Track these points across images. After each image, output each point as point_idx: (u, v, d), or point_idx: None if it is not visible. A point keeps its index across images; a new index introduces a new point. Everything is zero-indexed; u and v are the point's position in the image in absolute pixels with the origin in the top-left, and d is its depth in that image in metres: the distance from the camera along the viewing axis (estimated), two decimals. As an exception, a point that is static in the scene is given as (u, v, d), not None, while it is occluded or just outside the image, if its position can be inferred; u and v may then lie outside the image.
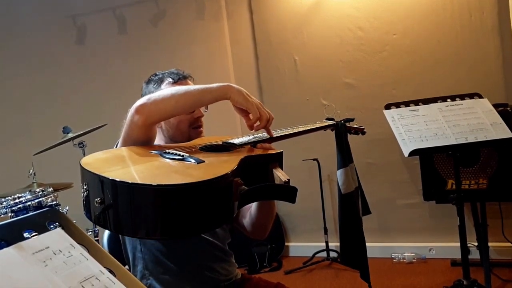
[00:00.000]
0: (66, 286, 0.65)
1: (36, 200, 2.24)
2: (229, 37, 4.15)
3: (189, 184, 1.01)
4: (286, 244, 4.15)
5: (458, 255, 3.41)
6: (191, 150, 1.37)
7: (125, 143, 1.44)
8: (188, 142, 1.57)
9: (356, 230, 2.06)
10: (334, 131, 1.99)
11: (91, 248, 0.76)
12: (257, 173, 1.27)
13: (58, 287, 0.63)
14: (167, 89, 1.50)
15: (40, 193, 2.31)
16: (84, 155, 2.94)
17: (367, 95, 3.75)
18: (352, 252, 2.11)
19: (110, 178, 1.02)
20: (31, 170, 2.83)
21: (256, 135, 1.51)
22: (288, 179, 1.18)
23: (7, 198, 2.27)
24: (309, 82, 3.96)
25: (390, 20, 3.65)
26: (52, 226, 0.76)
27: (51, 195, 2.35)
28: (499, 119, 2.41)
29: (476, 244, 3.24)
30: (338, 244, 3.96)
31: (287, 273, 3.73)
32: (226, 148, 1.41)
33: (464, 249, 2.48)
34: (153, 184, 0.99)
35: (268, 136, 1.47)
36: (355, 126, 2.05)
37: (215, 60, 4.13)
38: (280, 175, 1.21)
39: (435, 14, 3.53)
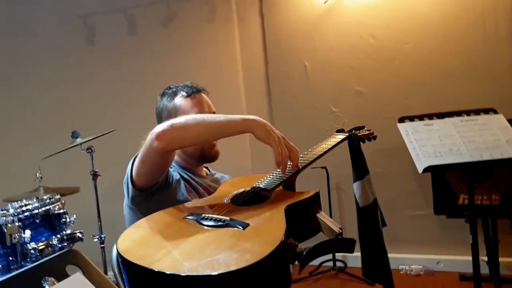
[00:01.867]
0: None
1: (44, 208, 2.21)
2: (239, 41, 4.11)
3: (250, 266, 0.92)
4: (291, 251, 4.11)
5: (466, 269, 3.39)
6: (224, 206, 1.29)
7: (143, 164, 1.43)
8: (216, 193, 1.50)
9: (378, 242, 2.02)
10: (348, 142, 1.95)
11: (111, 294, 0.72)
12: (301, 221, 1.21)
13: None
14: (190, 117, 1.43)
15: (48, 200, 2.29)
16: (93, 160, 2.91)
17: (377, 104, 3.70)
18: (375, 266, 2.07)
19: (168, 272, 0.91)
20: (38, 174, 2.80)
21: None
22: (341, 229, 1.14)
23: (13, 204, 2.24)
24: (318, 89, 3.91)
25: (403, 29, 3.60)
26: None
27: (59, 202, 2.33)
28: (515, 136, 2.36)
29: (485, 259, 3.19)
30: (345, 254, 3.95)
31: (293, 282, 3.68)
32: (259, 196, 1.35)
33: (476, 267, 2.44)
34: (212, 274, 0.90)
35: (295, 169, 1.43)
36: (365, 133, 2.02)
37: (225, 63, 4.09)
38: (331, 224, 1.16)
39: (448, 24, 3.48)
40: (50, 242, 2.17)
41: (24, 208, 2.18)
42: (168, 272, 0.91)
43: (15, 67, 4.16)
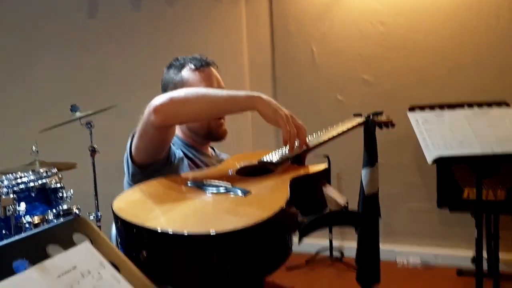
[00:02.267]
0: (97, 319, 0.54)
1: (40, 182, 2.14)
2: (246, 21, 4.01)
3: (248, 228, 0.87)
4: (288, 239, 4.06)
5: (464, 264, 3.36)
6: (228, 175, 1.25)
7: (141, 139, 1.34)
8: (221, 164, 1.45)
9: (376, 232, 1.98)
10: (363, 127, 1.88)
11: (122, 267, 0.65)
12: (307, 195, 1.16)
13: (87, 320, 0.53)
14: (191, 90, 1.36)
15: (44, 174, 2.22)
16: (91, 136, 2.83)
17: (383, 93, 3.63)
18: (368, 254, 2.04)
19: (159, 230, 0.87)
20: (34, 147, 2.72)
21: None
22: (347, 203, 1.08)
23: (8, 176, 2.17)
24: (325, 75, 3.84)
25: (414, 17, 3.52)
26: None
27: (55, 176, 2.25)
28: (528, 131, 2.30)
29: (485, 255, 3.16)
30: (341, 243, 3.91)
31: (289, 269, 3.64)
32: (264, 169, 1.30)
33: (479, 262, 2.39)
34: (210, 233, 0.85)
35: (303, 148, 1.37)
36: (383, 119, 1.96)
37: (230, 44, 4.00)
38: (336, 197, 1.10)
39: (461, 14, 3.41)
40: (46, 217, 2.10)
41: (19, 181, 2.11)
42: (159, 231, 0.87)
43: (15, 40, 4.06)
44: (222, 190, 1.09)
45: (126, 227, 0.93)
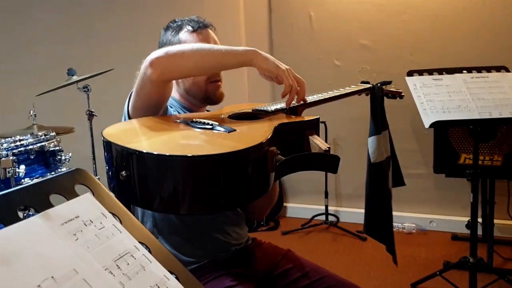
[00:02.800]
0: (100, 265, 0.55)
1: (39, 144, 2.14)
2: (243, -14, 3.95)
3: (223, 154, 0.91)
4: (284, 204, 4.10)
5: (459, 229, 3.42)
6: (219, 118, 1.27)
7: (138, 97, 1.34)
8: (215, 111, 1.46)
9: (384, 202, 1.99)
10: (369, 95, 1.87)
11: (124, 219, 0.66)
12: (293, 141, 1.17)
13: (91, 266, 0.54)
14: (187, 45, 1.37)
15: (43, 137, 2.21)
16: (89, 100, 2.81)
17: (382, 59, 3.60)
18: (378, 225, 2.05)
19: (138, 149, 0.92)
20: (31, 111, 2.71)
21: None
22: (329, 148, 1.09)
23: (7, 139, 2.17)
24: (323, 40, 3.80)
25: (414, -19, 3.47)
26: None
27: (54, 140, 2.25)
28: (526, 96, 2.31)
29: (480, 220, 3.20)
30: (337, 208, 3.96)
31: (284, 233, 3.70)
32: (257, 116, 1.31)
33: (474, 227, 2.43)
34: (187, 155, 0.89)
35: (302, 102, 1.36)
36: (392, 89, 1.95)
37: (226, 10, 3.93)
38: (319, 143, 1.11)
39: (463, -22, 3.36)
40: (45, 179, 2.11)
41: (18, 143, 2.10)
42: (144, 151, 0.92)
43: (10, 4, 3.99)
44: (208, 126, 1.12)
45: (110, 148, 0.99)
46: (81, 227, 0.58)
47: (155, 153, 0.91)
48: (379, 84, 1.86)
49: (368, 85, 1.82)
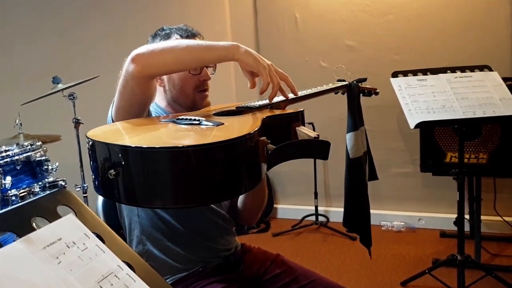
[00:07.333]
0: (83, 287, 0.56)
1: (25, 155, 2.13)
2: (228, -12, 3.95)
3: (215, 143, 0.90)
4: (274, 206, 4.12)
5: (447, 227, 3.45)
6: (206, 115, 1.26)
7: (121, 97, 1.32)
8: (199, 110, 1.45)
9: (362, 195, 2.01)
10: (346, 93, 1.89)
11: (107, 238, 0.66)
12: (281, 133, 1.17)
13: (74, 289, 0.55)
14: (169, 41, 1.41)
15: (29, 147, 2.20)
16: (75, 107, 2.80)
17: (368, 59, 3.63)
18: (356, 217, 2.07)
19: (126, 145, 0.90)
20: (17, 120, 2.69)
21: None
22: (318, 135, 1.09)
23: (-8, 150, 2.16)
24: (309, 42, 3.81)
25: (398, -19, 3.49)
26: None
27: (40, 149, 2.24)
28: (509, 94, 2.34)
29: (467, 217, 3.24)
30: (327, 208, 3.97)
31: (275, 235, 3.71)
32: (241, 112, 1.31)
33: (461, 225, 2.46)
34: (179, 146, 0.88)
35: (283, 98, 1.37)
36: (368, 86, 1.97)
37: (211, 12, 3.93)
38: (307, 132, 1.11)
39: (445, -22, 3.39)
40: (32, 190, 2.10)
41: (4, 154, 2.09)
42: (133, 146, 0.90)
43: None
44: (195, 122, 1.11)
45: (96, 148, 0.96)
46: (63, 250, 0.58)
47: (145, 146, 0.89)
48: (355, 82, 1.88)
49: (344, 83, 1.84)
